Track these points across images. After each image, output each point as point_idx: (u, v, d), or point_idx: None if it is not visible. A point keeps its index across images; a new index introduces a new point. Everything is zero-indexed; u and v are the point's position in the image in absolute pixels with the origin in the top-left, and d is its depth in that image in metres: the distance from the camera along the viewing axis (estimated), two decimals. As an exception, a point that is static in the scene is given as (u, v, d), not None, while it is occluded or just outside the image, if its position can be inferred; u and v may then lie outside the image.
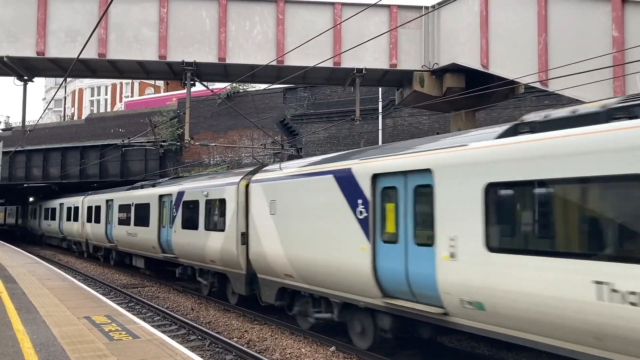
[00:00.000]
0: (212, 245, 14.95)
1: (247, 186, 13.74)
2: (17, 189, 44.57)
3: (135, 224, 21.44)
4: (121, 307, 13.12)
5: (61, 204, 35.28)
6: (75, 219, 31.28)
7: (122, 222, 23.16)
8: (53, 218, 37.39)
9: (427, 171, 8.33)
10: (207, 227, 15.39)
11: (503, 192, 7.20)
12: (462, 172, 7.71)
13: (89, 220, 28.54)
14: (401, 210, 8.89)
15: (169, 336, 10.23)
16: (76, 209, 31.38)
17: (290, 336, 11.80)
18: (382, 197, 9.29)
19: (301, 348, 10.74)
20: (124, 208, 23.12)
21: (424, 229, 8.42)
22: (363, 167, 9.63)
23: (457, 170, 7.80)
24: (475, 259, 7.41)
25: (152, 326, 10.75)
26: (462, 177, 7.67)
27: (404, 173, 8.84)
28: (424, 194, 8.43)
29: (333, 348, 10.71)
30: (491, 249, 7.18)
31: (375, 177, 9.38)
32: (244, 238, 13.60)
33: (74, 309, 11.53)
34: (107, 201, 25.66)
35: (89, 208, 28.47)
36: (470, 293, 7.46)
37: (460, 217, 7.67)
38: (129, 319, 10.68)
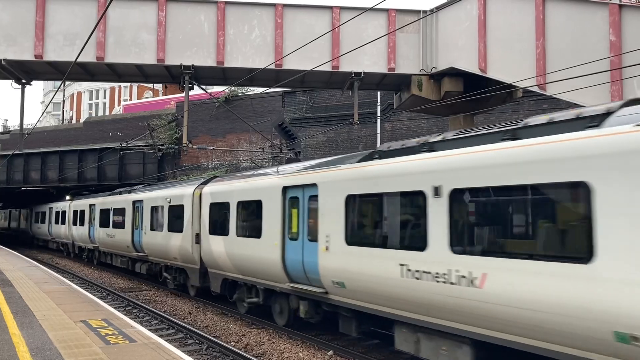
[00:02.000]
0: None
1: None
2: (15, 193, 44.49)
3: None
4: (118, 310, 13.09)
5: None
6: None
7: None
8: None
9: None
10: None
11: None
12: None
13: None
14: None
15: (166, 340, 10.20)
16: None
17: (287, 340, 11.76)
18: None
19: (299, 352, 10.70)
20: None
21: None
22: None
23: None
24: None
25: (149, 330, 10.72)
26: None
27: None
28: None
29: (331, 352, 10.67)
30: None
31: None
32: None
33: (70, 313, 11.49)
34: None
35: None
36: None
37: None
38: (126, 323, 10.64)
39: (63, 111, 69.65)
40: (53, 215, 36.86)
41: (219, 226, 14.57)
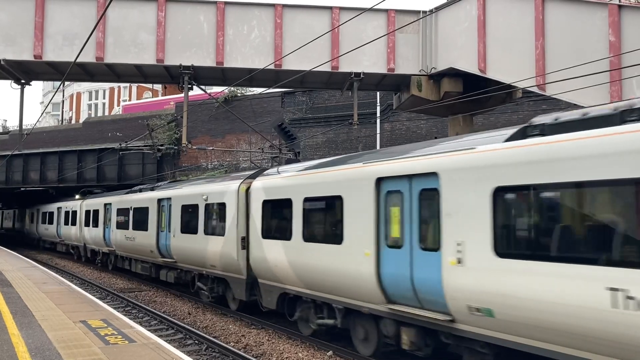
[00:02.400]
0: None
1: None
2: (14, 193, 44.42)
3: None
4: (117, 311, 13.07)
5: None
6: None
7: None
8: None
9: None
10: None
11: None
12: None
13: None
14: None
15: (166, 340, 10.19)
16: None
17: (287, 341, 11.75)
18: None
19: (298, 353, 10.70)
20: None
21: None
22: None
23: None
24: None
25: (149, 330, 10.71)
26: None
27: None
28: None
29: (330, 352, 10.67)
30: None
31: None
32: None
33: (69, 313, 11.48)
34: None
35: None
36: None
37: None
38: (125, 323, 10.63)
39: (62, 111, 69.63)
40: (62, 215, 34.59)
41: (276, 229, 12.20)
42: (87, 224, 28.44)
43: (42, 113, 19.88)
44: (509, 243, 7.02)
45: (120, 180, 34.45)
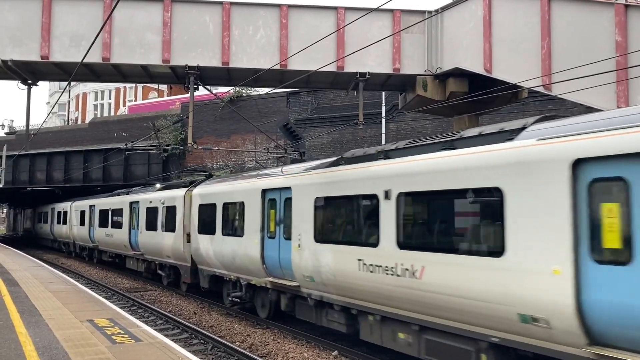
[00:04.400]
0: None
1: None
2: (20, 193, 44.65)
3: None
4: (124, 310, 13.13)
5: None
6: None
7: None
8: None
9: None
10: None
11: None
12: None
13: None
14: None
15: (172, 340, 10.21)
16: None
17: (292, 340, 11.77)
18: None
19: (304, 352, 10.72)
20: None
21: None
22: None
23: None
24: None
25: (155, 330, 10.76)
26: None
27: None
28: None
29: (335, 352, 10.68)
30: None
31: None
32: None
33: (76, 312, 11.54)
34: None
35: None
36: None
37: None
38: (132, 323, 10.68)
39: (68, 112, 69.91)
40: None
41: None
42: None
43: (49, 113, 20.00)
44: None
45: (126, 180, 34.58)
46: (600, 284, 5.98)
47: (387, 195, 8.98)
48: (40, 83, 17.18)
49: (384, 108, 25.04)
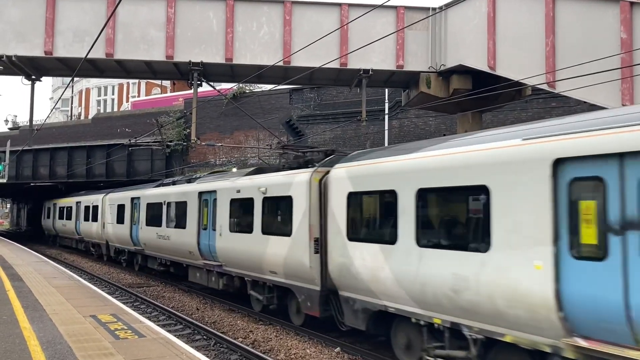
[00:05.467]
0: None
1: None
2: (25, 188, 44.70)
3: (170, 225, 18.86)
4: (127, 306, 13.18)
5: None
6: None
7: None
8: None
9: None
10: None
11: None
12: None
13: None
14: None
15: (175, 335, 10.25)
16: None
17: (295, 337, 11.80)
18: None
19: (306, 349, 10.74)
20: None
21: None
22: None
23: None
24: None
25: (158, 325, 10.79)
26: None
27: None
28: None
29: (338, 349, 10.70)
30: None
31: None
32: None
33: (80, 308, 11.58)
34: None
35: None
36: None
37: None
38: (135, 318, 10.72)
39: (72, 107, 70.02)
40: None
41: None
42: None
43: (52, 109, 20.01)
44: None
45: (129, 176, 34.65)
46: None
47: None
48: (43, 79, 17.26)
49: (387, 105, 25.00)
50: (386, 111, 24.76)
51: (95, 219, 28.95)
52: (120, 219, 24.68)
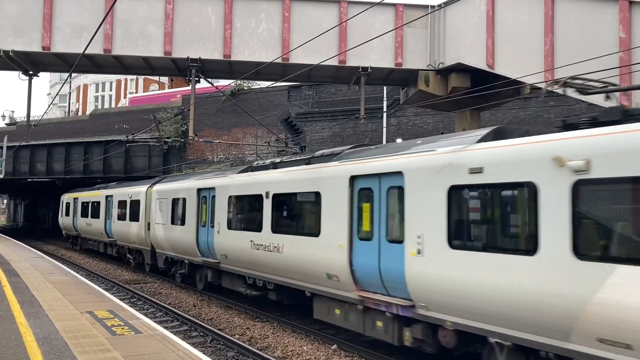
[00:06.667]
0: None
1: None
2: (22, 184, 44.59)
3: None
4: (124, 302, 13.15)
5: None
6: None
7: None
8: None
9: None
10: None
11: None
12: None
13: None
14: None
15: (171, 332, 10.23)
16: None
17: (292, 334, 11.80)
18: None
19: (303, 346, 10.74)
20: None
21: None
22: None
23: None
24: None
25: (155, 322, 10.77)
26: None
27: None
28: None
29: (335, 346, 10.70)
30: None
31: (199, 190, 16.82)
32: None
33: (76, 304, 11.56)
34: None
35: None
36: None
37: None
38: (132, 314, 10.70)
39: (69, 103, 69.86)
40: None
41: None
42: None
43: (50, 105, 19.97)
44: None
45: (127, 172, 34.60)
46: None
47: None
48: (41, 74, 17.18)
49: (385, 103, 24.99)
50: (384, 109, 24.75)
51: (135, 218, 22.67)
52: (176, 219, 18.22)
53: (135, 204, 22.89)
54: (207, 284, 16.72)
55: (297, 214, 11.75)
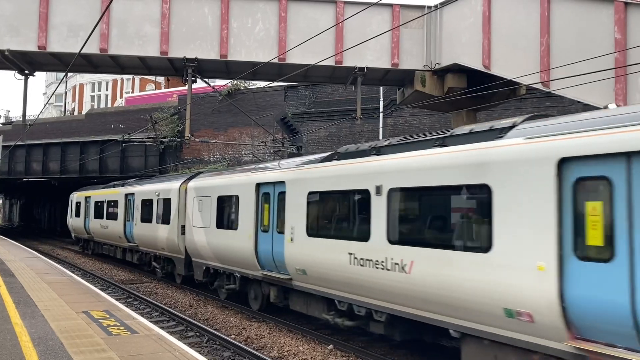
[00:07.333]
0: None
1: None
2: (17, 183, 44.45)
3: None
4: (120, 302, 13.14)
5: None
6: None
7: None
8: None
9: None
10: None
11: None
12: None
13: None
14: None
15: (167, 332, 10.23)
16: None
17: (288, 334, 11.80)
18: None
19: (299, 346, 10.74)
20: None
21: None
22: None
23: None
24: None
25: (151, 322, 10.76)
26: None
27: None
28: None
29: (331, 346, 10.71)
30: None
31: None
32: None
33: (72, 304, 11.53)
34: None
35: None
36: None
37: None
38: (128, 314, 10.68)
39: (65, 103, 69.64)
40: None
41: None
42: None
43: (46, 104, 19.91)
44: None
45: (123, 172, 34.53)
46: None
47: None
48: (37, 73, 17.11)
49: (381, 103, 25.01)
50: (381, 109, 24.78)
51: (164, 220, 19.26)
52: (225, 221, 14.86)
53: (165, 203, 19.30)
54: (266, 304, 13.40)
55: (439, 216, 8.26)
